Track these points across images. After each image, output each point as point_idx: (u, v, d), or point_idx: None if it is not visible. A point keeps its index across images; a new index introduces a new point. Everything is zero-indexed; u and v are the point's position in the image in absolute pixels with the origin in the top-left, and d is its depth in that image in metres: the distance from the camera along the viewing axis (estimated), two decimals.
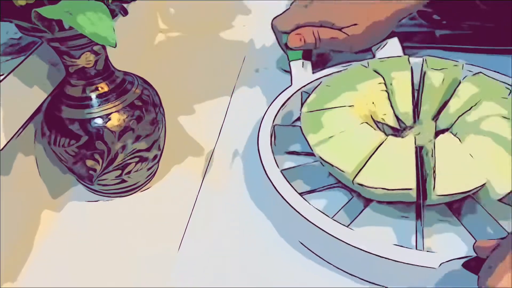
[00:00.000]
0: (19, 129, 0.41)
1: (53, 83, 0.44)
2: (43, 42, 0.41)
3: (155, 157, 0.45)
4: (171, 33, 0.73)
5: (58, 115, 0.41)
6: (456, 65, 0.47)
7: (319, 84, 0.48)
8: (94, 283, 0.39)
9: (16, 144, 0.41)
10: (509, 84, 0.46)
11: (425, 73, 0.47)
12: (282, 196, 0.39)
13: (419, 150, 0.42)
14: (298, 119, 0.51)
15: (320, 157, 0.41)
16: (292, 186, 0.40)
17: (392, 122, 0.46)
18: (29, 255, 0.41)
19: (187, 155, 0.51)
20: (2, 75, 0.38)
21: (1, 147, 0.38)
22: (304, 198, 0.39)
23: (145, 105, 0.43)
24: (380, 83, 0.46)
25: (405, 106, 0.46)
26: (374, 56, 0.53)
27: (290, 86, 0.51)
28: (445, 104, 0.46)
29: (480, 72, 0.46)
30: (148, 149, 0.44)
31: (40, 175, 0.45)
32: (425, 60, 0.48)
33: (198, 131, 0.53)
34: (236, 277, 0.38)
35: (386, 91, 0.46)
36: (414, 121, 0.46)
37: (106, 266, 0.40)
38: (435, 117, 0.46)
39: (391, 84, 0.46)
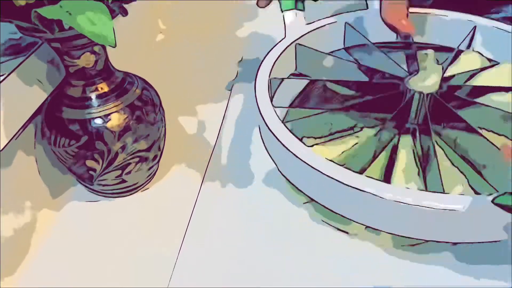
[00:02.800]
0: (20, 129, 0.40)
1: (53, 83, 0.44)
2: (43, 43, 0.41)
3: (155, 157, 0.45)
4: (171, 33, 0.73)
5: (58, 115, 0.41)
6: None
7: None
8: (94, 283, 0.39)
9: (16, 144, 0.41)
10: None
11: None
12: (288, 149, 0.37)
13: (423, 96, 0.42)
14: (293, 74, 0.50)
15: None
16: (297, 137, 0.38)
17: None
18: (29, 255, 0.41)
19: (187, 155, 0.51)
20: (3, 75, 0.38)
21: (1, 147, 0.38)
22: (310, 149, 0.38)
23: (145, 105, 0.43)
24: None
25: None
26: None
27: (283, 38, 0.50)
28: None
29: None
30: (148, 149, 0.44)
31: (40, 175, 0.45)
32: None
33: (198, 131, 0.53)
34: (236, 277, 0.38)
35: None
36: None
37: (106, 266, 0.40)
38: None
39: None
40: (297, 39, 0.50)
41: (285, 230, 0.41)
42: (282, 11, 0.52)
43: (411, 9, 0.49)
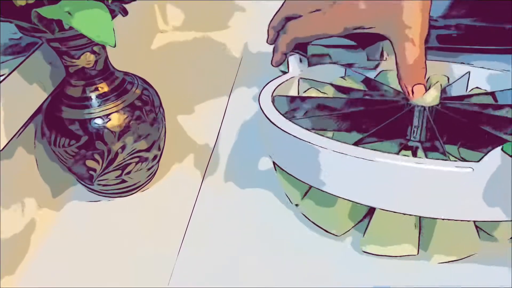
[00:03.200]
0: (20, 129, 0.41)
1: (53, 83, 0.44)
2: (43, 43, 0.41)
3: (155, 157, 0.46)
4: (170, 33, 0.73)
5: (58, 115, 0.41)
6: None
7: None
8: (93, 283, 0.39)
9: (16, 144, 0.41)
10: None
11: None
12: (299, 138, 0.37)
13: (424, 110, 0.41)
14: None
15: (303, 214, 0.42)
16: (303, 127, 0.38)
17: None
18: (28, 254, 0.41)
19: (187, 155, 0.51)
20: (3, 75, 0.38)
21: (1, 147, 0.38)
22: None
23: (145, 105, 0.43)
24: None
25: None
26: (368, 58, 0.53)
27: (287, 73, 0.50)
28: None
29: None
30: (148, 149, 0.44)
31: (40, 175, 0.45)
32: None
33: (198, 131, 0.53)
34: (236, 277, 0.38)
35: None
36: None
37: (106, 266, 0.40)
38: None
39: None
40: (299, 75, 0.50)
41: (285, 230, 0.41)
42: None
43: None
